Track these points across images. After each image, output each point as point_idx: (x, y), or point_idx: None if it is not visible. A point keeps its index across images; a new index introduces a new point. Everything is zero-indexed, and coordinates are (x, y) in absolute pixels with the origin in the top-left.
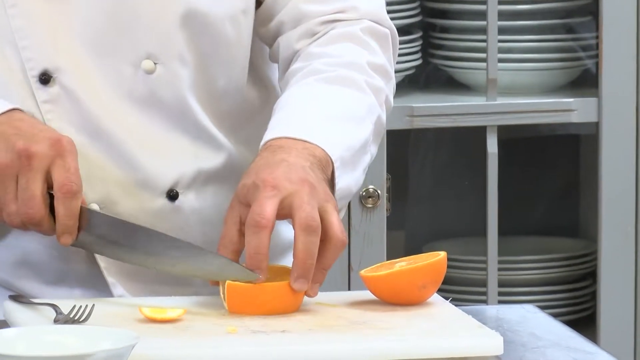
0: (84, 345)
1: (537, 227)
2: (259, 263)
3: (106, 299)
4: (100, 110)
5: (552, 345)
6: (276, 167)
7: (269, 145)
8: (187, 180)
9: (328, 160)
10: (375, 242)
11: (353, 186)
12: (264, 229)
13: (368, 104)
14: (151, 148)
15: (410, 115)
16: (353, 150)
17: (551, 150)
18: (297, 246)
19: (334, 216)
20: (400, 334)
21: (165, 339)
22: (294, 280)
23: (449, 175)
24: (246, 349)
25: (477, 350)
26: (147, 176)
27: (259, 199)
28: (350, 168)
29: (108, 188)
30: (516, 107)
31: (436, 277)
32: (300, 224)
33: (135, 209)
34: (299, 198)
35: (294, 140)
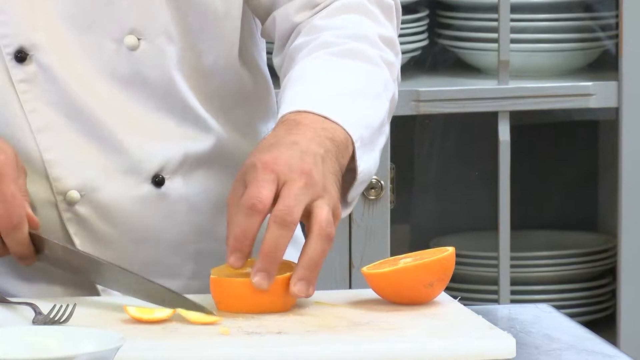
0: (65, 347)
1: (553, 221)
2: (243, 247)
3: (89, 297)
4: (81, 89)
5: (568, 348)
6: (283, 151)
7: (286, 118)
8: (173, 165)
9: (348, 142)
10: (378, 237)
11: (372, 168)
12: (258, 214)
13: (384, 80)
14: (135, 130)
15: (415, 100)
16: (372, 129)
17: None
18: (266, 238)
19: (322, 209)
20: (405, 336)
21: (153, 340)
22: (254, 274)
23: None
24: (240, 352)
25: (488, 353)
26: (131, 160)
27: (256, 181)
28: (369, 148)
29: (89, 173)
30: (530, 91)
31: (444, 274)
32: (276, 216)
33: (118, 196)
34: (287, 189)
35: (314, 115)
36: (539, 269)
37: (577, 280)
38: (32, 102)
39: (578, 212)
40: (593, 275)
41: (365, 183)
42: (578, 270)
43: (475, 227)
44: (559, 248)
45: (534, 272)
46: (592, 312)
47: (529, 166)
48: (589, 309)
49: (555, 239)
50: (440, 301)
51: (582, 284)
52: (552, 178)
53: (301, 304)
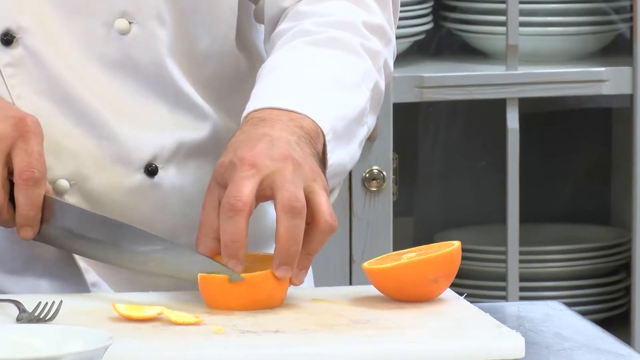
0: (50, 347)
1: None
2: (235, 252)
3: (76, 294)
4: (69, 75)
5: (580, 347)
6: (256, 143)
7: (250, 117)
8: (167, 154)
9: (318, 132)
10: (380, 231)
11: (347, 162)
12: (240, 213)
13: (364, 69)
14: (127, 117)
15: (419, 87)
16: (347, 120)
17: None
18: (280, 230)
19: (321, 197)
20: (408, 335)
21: (143, 340)
22: (277, 268)
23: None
24: (234, 352)
25: (496, 353)
26: (123, 149)
27: (235, 180)
28: (344, 141)
29: (78, 162)
30: (539, 77)
31: (449, 269)
32: (283, 205)
33: (109, 186)
34: (281, 176)
35: (279, 110)
36: (549, 264)
37: (590, 276)
38: (18, 87)
39: (590, 204)
40: (606, 270)
41: (339, 177)
42: (590, 266)
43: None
44: (570, 242)
45: (544, 268)
46: (605, 310)
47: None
48: (602, 307)
49: (566, 233)
50: (445, 298)
51: (595, 280)
52: (563, 168)
53: (299, 301)
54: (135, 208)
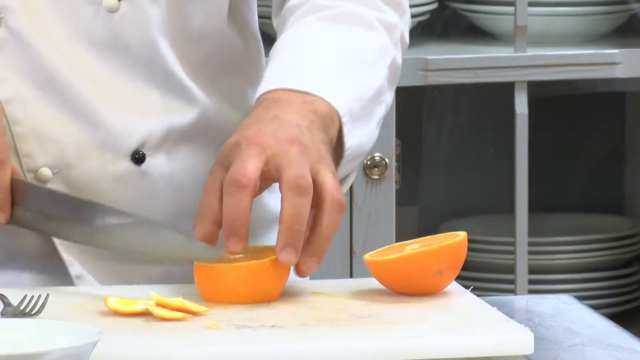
0: (37, 342)
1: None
2: (236, 229)
3: (63, 287)
4: (54, 56)
5: (592, 343)
6: (264, 125)
7: (263, 99)
8: (155, 140)
9: (333, 115)
10: (382, 221)
11: (366, 143)
12: (244, 189)
13: (380, 45)
14: (114, 101)
15: (424, 70)
16: (364, 100)
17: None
18: (284, 209)
19: (327, 176)
20: (412, 330)
21: (133, 335)
22: (280, 250)
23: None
24: (229, 348)
25: (503, 349)
26: (109, 135)
27: (240, 157)
28: (362, 122)
29: (62, 149)
30: (549, 59)
31: (454, 261)
32: (288, 183)
33: (94, 174)
34: (286, 157)
35: (292, 92)
36: (560, 256)
37: (602, 269)
38: (0, 69)
39: (603, 193)
40: (619, 262)
41: (358, 159)
42: (603, 258)
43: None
44: (581, 233)
45: (554, 260)
46: (619, 304)
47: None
48: (615, 300)
49: (577, 223)
50: (450, 292)
51: (608, 273)
52: (574, 156)
53: (297, 295)
54: (121, 197)
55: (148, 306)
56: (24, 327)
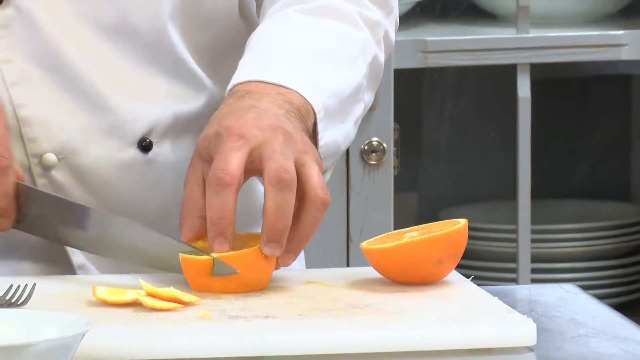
0: (22, 333)
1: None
2: (222, 230)
3: (50, 276)
4: (62, 39)
5: (597, 334)
6: (244, 113)
7: (235, 90)
8: (163, 128)
9: (309, 109)
10: (380, 207)
11: (341, 142)
12: (228, 187)
13: (361, 41)
14: (121, 86)
15: (423, 52)
16: (341, 97)
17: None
18: (267, 204)
19: (312, 170)
20: (411, 320)
21: (123, 326)
22: (264, 245)
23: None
24: (221, 339)
25: (505, 341)
26: (116, 121)
27: (222, 151)
28: (337, 119)
29: (68, 134)
30: (553, 41)
31: (455, 250)
32: (270, 177)
33: (99, 161)
34: (269, 147)
35: (266, 84)
36: (564, 244)
37: (607, 257)
38: (6, 50)
39: (608, 178)
40: (625, 251)
41: (333, 158)
42: (608, 246)
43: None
44: (586, 220)
45: (558, 248)
46: (624, 293)
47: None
48: (620, 290)
49: (582, 210)
50: (450, 281)
51: (613, 261)
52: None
53: (292, 285)
54: (126, 185)
55: (138, 296)
56: (9, 318)
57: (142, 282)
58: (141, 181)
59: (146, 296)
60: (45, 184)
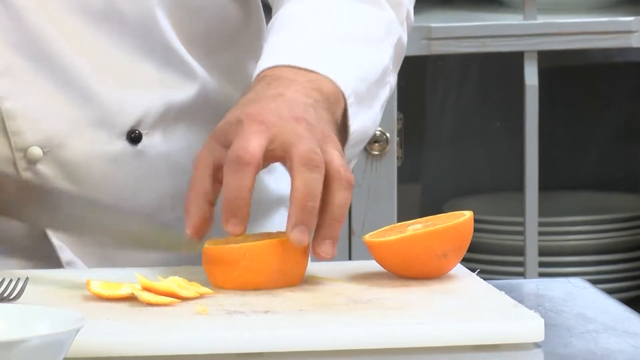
0: (15, 329)
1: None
2: (237, 210)
3: (43, 270)
4: (47, 27)
5: (606, 330)
6: (268, 101)
7: (263, 75)
8: (152, 118)
9: (339, 96)
10: (383, 199)
11: (370, 127)
12: (247, 166)
13: (387, 22)
14: (109, 75)
15: (427, 38)
16: (370, 81)
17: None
18: (296, 186)
19: (334, 154)
20: (414, 316)
21: (118, 321)
22: (292, 228)
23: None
24: (219, 335)
25: (512, 336)
26: (104, 111)
27: (243, 134)
28: (366, 104)
29: (54, 126)
30: (561, 27)
31: (460, 243)
32: (301, 157)
33: (87, 154)
34: (294, 134)
35: (296, 69)
36: (572, 237)
37: (617, 250)
38: None
39: (618, 169)
40: (636, 244)
41: (361, 145)
42: (618, 239)
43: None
44: (595, 212)
45: (566, 241)
46: (635, 288)
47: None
48: (630, 284)
49: (591, 202)
50: (455, 275)
51: (623, 255)
52: (587, 130)
53: None
54: (116, 179)
55: (133, 290)
56: (1, 313)
57: (138, 275)
58: (131, 174)
59: (142, 290)
60: (31, 178)
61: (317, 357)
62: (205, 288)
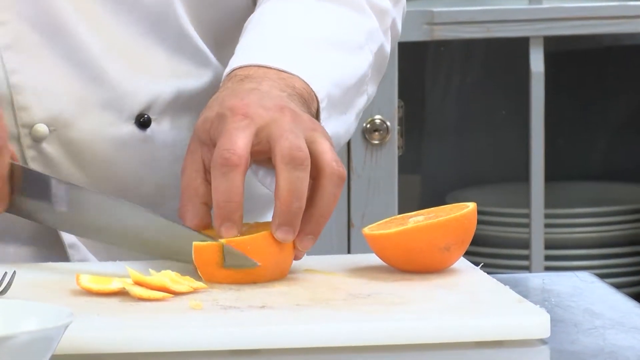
0: (1, 324)
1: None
2: (230, 214)
3: (31, 264)
4: (63, 2)
5: (614, 325)
6: (246, 95)
7: (233, 74)
8: (163, 104)
9: (312, 95)
10: (383, 190)
11: (342, 135)
12: (236, 168)
13: (368, 29)
14: (121, 57)
15: (429, 23)
16: (345, 87)
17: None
18: (280, 184)
19: (324, 145)
20: (416, 311)
21: (109, 317)
22: (276, 228)
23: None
24: (213, 330)
25: (517, 332)
26: (114, 93)
27: (227, 131)
28: (339, 110)
29: (61, 104)
30: (568, 12)
31: (463, 235)
32: (283, 156)
33: (93, 135)
34: (278, 126)
35: (266, 69)
36: (579, 230)
37: (626, 243)
38: (2, 11)
39: (627, 160)
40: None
41: None
42: (626, 231)
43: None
44: (603, 204)
45: (573, 233)
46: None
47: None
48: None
49: (599, 193)
50: (458, 269)
51: (632, 248)
52: (595, 118)
53: (289, 273)
54: (120, 162)
55: (125, 285)
56: None
57: (130, 269)
58: (136, 159)
59: (133, 285)
60: (35, 156)
61: (315, 354)
62: (199, 282)
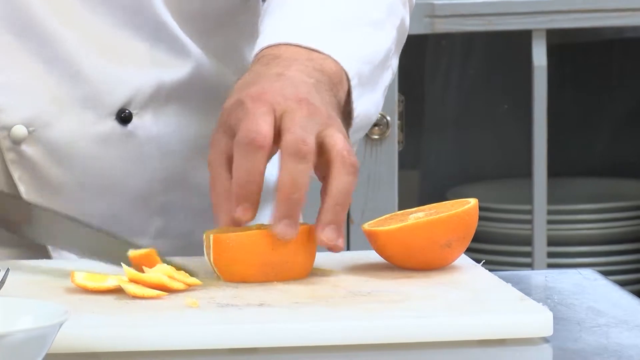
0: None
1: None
2: (248, 194)
3: (24, 261)
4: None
5: (618, 324)
6: (268, 83)
7: (262, 54)
8: (143, 97)
9: (342, 77)
10: (383, 186)
11: (373, 113)
12: (260, 149)
13: (389, 3)
14: (98, 52)
15: (430, 16)
16: (373, 64)
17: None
18: (281, 176)
19: (337, 137)
20: (416, 309)
21: (104, 315)
22: (277, 222)
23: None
24: (210, 329)
25: (519, 331)
26: (92, 89)
27: (249, 116)
28: (369, 88)
29: (39, 104)
30: (571, 4)
31: (464, 232)
32: (287, 147)
33: (74, 134)
34: (289, 119)
35: (297, 47)
36: (582, 226)
37: (629, 240)
38: None
39: (630, 155)
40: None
41: (363, 130)
42: (630, 228)
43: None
44: (606, 200)
45: (576, 230)
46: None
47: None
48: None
49: (602, 189)
50: (459, 266)
51: (635, 245)
52: (598, 113)
53: None
54: (104, 160)
55: (120, 282)
56: None
57: (125, 267)
58: (121, 156)
59: (129, 282)
60: (15, 158)
61: (314, 352)
62: (192, 278)
